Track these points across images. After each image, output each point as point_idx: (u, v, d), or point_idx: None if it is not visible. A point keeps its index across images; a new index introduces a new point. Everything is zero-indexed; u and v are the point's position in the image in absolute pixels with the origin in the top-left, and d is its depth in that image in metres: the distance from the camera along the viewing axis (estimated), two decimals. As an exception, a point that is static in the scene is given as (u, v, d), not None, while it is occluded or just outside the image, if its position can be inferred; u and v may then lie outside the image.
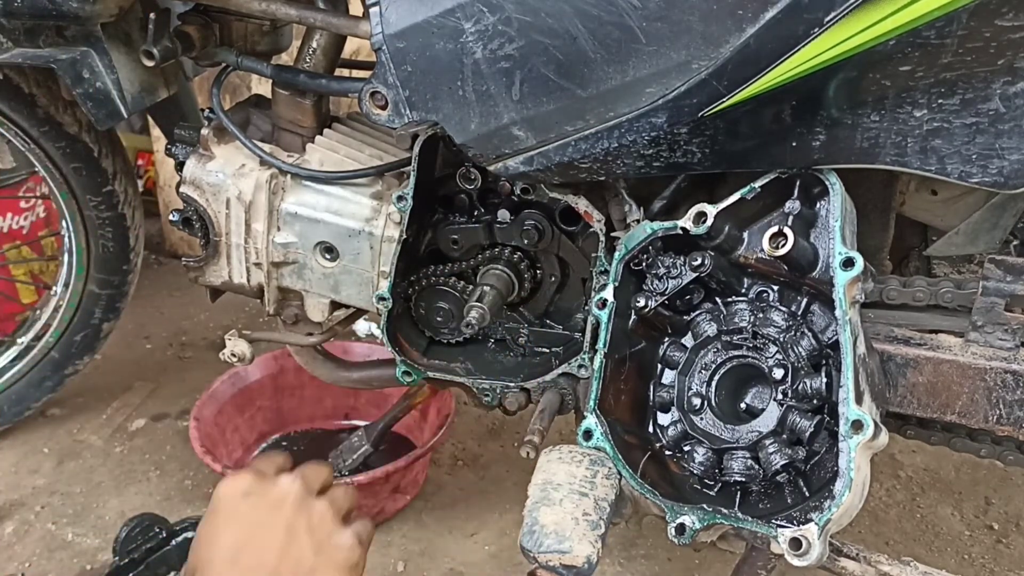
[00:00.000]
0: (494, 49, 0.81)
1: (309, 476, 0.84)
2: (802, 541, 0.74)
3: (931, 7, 0.67)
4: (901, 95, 0.75)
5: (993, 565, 1.45)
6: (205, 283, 1.19)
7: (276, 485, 0.80)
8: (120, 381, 1.85)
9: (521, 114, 0.83)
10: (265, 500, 0.79)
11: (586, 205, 0.96)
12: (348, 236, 1.08)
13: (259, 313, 2.07)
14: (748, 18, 0.72)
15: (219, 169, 1.11)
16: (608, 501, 0.81)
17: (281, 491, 0.80)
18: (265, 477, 0.81)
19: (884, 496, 1.60)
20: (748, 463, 0.85)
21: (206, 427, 1.50)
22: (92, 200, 1.40)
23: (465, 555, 1.44)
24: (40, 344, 1.57)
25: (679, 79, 0.76)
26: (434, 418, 1.57)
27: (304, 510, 0.79)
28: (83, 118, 1.34)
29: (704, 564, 1.43)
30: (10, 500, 1.53)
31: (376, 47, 0.85)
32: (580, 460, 0.84)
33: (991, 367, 0.85)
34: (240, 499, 0.79)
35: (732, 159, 0.82)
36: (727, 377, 0.90)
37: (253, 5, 1.03)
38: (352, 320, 1.25)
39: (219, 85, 1.12)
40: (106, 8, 1.04)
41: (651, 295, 0.91)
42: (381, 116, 0.89)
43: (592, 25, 0.77)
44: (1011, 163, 0.75)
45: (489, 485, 1.60)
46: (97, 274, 1.49)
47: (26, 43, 1.09)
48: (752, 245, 0.88)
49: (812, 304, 0.88)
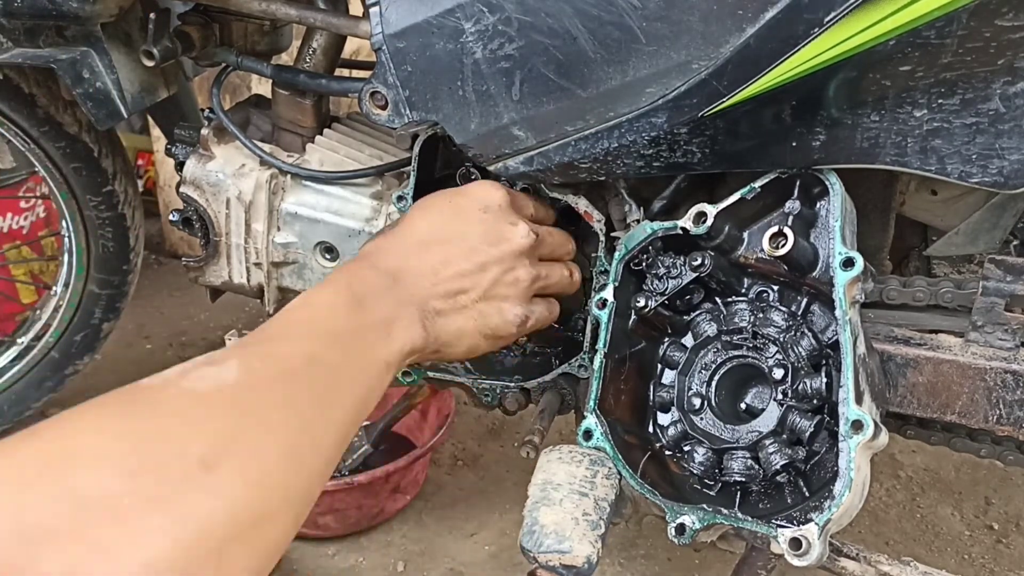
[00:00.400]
0: (494, 49, 0.81)
1: (548, 240, 0.92)
2: (802, 541, 0.74)
3: (931, 7, 0.67)
4: (901, 95, 0.75)
5: (993, 565, 1.45)
6: (205, 283, 1.19)
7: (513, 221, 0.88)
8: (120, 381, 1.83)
9: (521, 114, 0.83)
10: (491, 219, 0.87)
11: (586, 205, 0.96)
12: (348, 236, 1.08)
13: (259, 313, 2.07)
14: (748, 18, 0.72)
15: (219, 169, 1.11)
16: (608, 501, 0.81)
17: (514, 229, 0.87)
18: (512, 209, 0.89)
19: (884, 496, 1.60)
20: (748, 463, 0.85)
21: (206, 427, 1.50)
22: (92, 200, 1.40)
23: (465, 555, 1.44)
24: (40, 344, 1.57)
25: (679, 79, 0.76)
26: (434, 418, 1.58)
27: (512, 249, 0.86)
28: (83, 118, 1.34)
29: (704, 564, 1.43)
30: (10, 500, 1.53)
31: (376, 47, 0.85)
32: (580, 460, 0.83)
33: (991, 367, 0.85)
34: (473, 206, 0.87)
35: (732, 159, 0.82)
36: (727, 377, 0.90)
37: (253, 5, 1.03)
38: (352, 320, 1.24)
39: (219, 85, 1.12)
40: (106, 8, 1.04)
41: (651, 295, 0.91)
42: (381, 116, 0.89)
43: (592, 25, 0.77)
44: (1011, 163, 0.75)
45: (489, 485, 1.60)
46: (97, 274, 1.49)
47: (26, 43, 1.09)
48: (752, 245, 0.88)
49: (812, 304, 0.88)
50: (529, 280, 0.88)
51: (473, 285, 0.84)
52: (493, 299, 0.86)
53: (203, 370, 0.59)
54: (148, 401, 0.57)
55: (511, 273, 0.86)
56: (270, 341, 0.67)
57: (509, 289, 0.87)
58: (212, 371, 0.59)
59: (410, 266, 0.81)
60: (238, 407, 0.57)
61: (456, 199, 0.88)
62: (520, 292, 0.87)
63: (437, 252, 0.83)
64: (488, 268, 0.85)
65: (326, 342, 0.68)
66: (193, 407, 0.56)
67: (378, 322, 0.74)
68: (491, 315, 0.86)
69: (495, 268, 0.85)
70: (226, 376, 0.59)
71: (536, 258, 0.90)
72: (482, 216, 0.86)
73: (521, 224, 0.87)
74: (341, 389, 0.67)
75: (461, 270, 0.83)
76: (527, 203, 0.93)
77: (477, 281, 0.84)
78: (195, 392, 0.57)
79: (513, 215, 0.88)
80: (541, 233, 0.90)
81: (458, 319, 0.83)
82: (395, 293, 0.78)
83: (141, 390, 0.58)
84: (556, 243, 0.94)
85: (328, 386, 0.65)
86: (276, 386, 0.61)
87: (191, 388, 0.58)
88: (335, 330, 0.70)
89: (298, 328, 0.69)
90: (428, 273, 0.82)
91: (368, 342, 0.72)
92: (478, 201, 0.87)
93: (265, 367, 0.62)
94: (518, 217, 0.88)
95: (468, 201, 0.87)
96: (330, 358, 0.67)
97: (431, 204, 0.89)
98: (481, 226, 0.86)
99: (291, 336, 0.68)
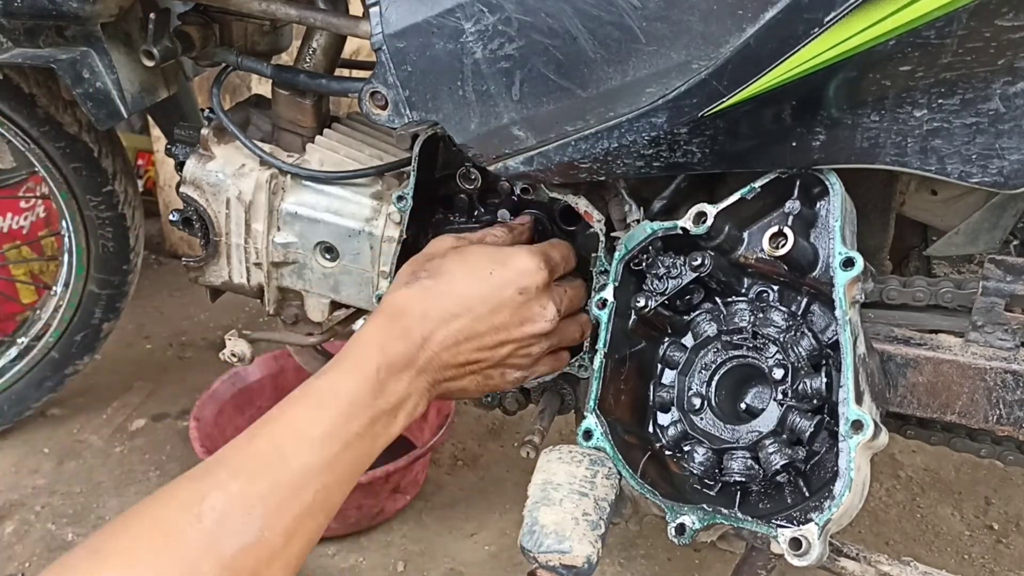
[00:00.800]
0: (494, 49, 0.81)
1: (570, 302, 0.94)
2: (802, 541, 0.74)
3: (931, 7, 0.67)
4: (901, 95, 0.75)
5: (993, 565, 1.45)
6: (205, 283, 1.19)
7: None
8: (120, 381, 1.85)
9: (521, 114, 0.83)
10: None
11: (586, 205, 0.96)
12: (348, 236, 1.08)
13: (259, 313, 2.07)
14: (748, 18, 0.72)
15: (219, 169, 1.11)
16: (608, 501, 0.81)
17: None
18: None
19: (884, 496, 1.60)
20: (748, 463, 0.85)
21: (206, 427, 1.50)
22: (92, 200, 1.40)
23: (465, 555, 1.44)
24: (40, 344, 1.57)
25: (679, 79, 0.76)
26: (434, 418, 1.58)
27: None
28: (83, 118, 1.34)
29: (704, 564, 1.43)
30: (10, 500, 1.53)
31: (376, 47, 0.85)
32: (580, 460, 0.83)
33: (991, 367, 0.85)
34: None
35: (732, 159, 0.82)
36: (727, 377, 0.90)
37: (253, 5, 1.03)
38: (352, 320, 1.25)
39: (219, 85, 1.12)
40: (106, 8, 1.04)
41: (651, 295, 0.91)
42: (381, 116, 0.89)
43: (592, 25, 0.77)
44: (1011, 163, 0.75)
45: (489, 485, 1.60)
46: (97, 274, 1.49)
47: (26, 43, 1.09)
48: (752, 245, 0.88)
49: (812, 304, 0.88)
50: (542, 352, 0.92)
51: (488, 358, 0.88)
52: (501, 366, 0.90)
53: (231, 525, 0.68)
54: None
55: (526, 349, 0.90)
56: (285, 468, 0.73)
57: (520, 360, 0.91)
58: (238, 525, 0.68)
59: (437, 336, 0.84)
60: (263, 563, 0.68)
61: (499, 271, 0.87)
62: (530, 361, 0.92)
63: (466, 326, 0.85)
64: (507, 345, 0.88)
65: (338, 457, 0.76)
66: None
67: (390, 407, 0.80)
68: (494, 377, 0.91)
69: (512, 345, 0.89)
70: (248, 537, 0.68)
71: (555, 329, 0.92)
72: (515, 298, 0.87)
73: (550, 307, 0.89)
74: (341, 496, 0.77)
75: (482, 345, 0.86)
76: (561, 265, 0.94)
77: (493, 355, 0.88)
78: (223, 558, 0.66)
79: (546, 296, 0.89)
80: (566, 300, 0.93)
81: (463, 381, 0.88)
82: (416, 364, 0.83)
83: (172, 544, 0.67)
84: (577, 302, 0.96)
85: (334, 503, 0.77)
86: (293, 526, 0.71)
87: (220, 553, 0.66)
88: (348, 438, 0.77)
89: (313, 445, 0.75)
90: (451, 345, 0.85)
91: (374, 433, 0.79)
92: (519, 279, 0.88)
93: (281, 516, 0.70)
94: (549, 298, 0.90)
95: (510, 277, 0.87)
96: (339, 476, 0.76)
97: (474, 265, 0.88)
98: (513, 306, 0.87)
99: (305, 459, 0.74)
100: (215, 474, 0.71)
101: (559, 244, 0.97)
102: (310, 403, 0.78)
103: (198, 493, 0.69)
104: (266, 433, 0.75)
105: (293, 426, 0.76)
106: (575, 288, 0.96)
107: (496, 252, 0.90)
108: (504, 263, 0.88)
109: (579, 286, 0.97)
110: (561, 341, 0.95)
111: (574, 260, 0.98)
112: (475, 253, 0.90)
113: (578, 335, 0.97)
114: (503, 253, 0.90)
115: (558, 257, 0.94)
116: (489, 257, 0.89)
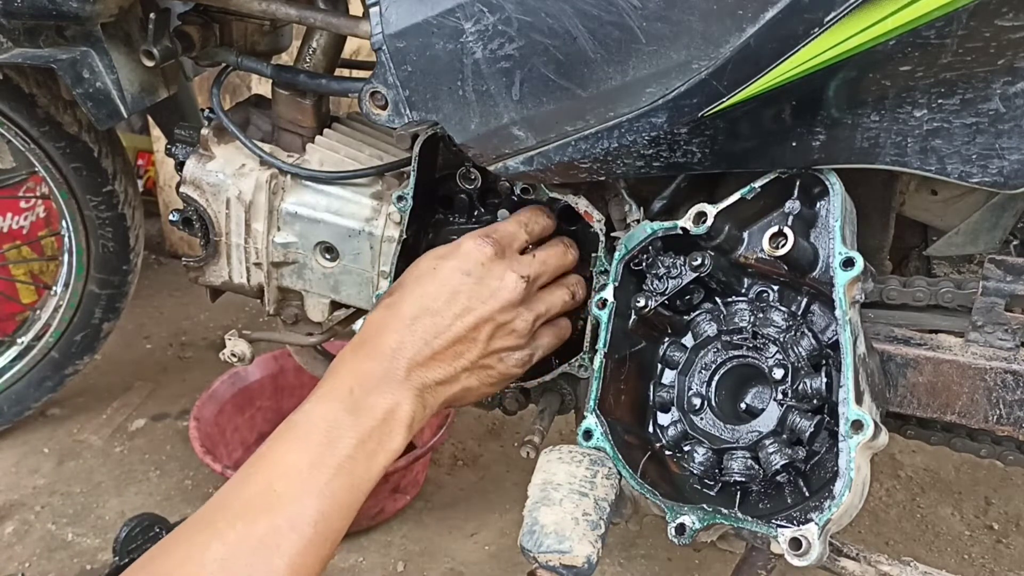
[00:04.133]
0: (494, 49, 0.81)
1: (545, 266, 0.92)
2: (802, 541, 0.74)
3: (931, 7, 0.67)
4: (901, 95, 0.75)
5: (993, 565, 1.46)
6: (205, 283, 1.19)
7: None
8: (120, 381, 1.86)
9: (521, 114, 0.83)
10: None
11: (586, 205, 0.96)
12: (348, 236, 1.08)
13: (259, 313, 2.07)
14: (748, 18, 0.72)
15: (219, 169, 1.11)
16: (608, 501, 0.81)
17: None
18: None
19: (884, 496, 1.60)
20: (748, 463, 0.85)
21: (206, 427, 1.50)
22: (92, 200, 1.40)
23: (465, 555, 1.44)
24: (40, 344, 1.57)
25: (679, 79, 0.76)
26: (434, 418, 1.57)
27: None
28: (83, 118, 1.34)
29: (704, 564, 1.43)
30: (10, 500, 1.53)
31: (376, 47, 0.85)
32: (580, 460, 0.83)
33: (991, 367, 0.85)
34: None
35: (732, 159, 0.82)
36: (727, 377, 0.90)
37: (253, 5, 1.03)
38: (352, 320, 1.25)
39: (219, 85, 1.12)
40: (106, 8, 1.04)
41: (651, 295, 0.91)
42: (381, 116, 0.89)
43: (592, 25, 0.77)
44: (1011, 163, 0.75)
45: (489, 485, 1.60)
46: (97, 274, 1.49)
47: (26, 43, 1.09)
48: (752, 245, 0.88)
49: (812, 304, 0.88)
50: (527, 325, 0.90)
51: (468, 348, 0.86)
52: (493, 353, 0.89)
53: (236, 572, 0.68)
54: None
55: (507, 325, 0.88)
56: (279, 506, 0.73)
57: (508, 340, 0.89)
58: (242, 571, 0.68)
59: (405, 343, 0.84)
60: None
61: (439, 264, 0.88)
62: (520, 338, 0.90)
63: (427, 325, 0.85)
64: (481, 328, 0.86)
65: (331, 484, 0.76)
66: None
67: (378, 422, 0.80)
68: (494, 366, 0.89)
69: (488, 326, 0.87)
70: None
71: (535, 295, 0.91)
72: (464, 279, 0.86)
73: (508, 275, 0.88)
74: (345, 519, 0.77)
75: (453, 337, 0.85)
76: (518, 232, 0.93)
77: (472, 344, 0.86)
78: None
79: (499, 267, 0.88)
80: (535, 265, 0.91)
81: (460, 382, 0.87)
82: (394, 375, 0.82)
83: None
84: (554, 264, 0.94)
85: (337, 529, 0.76)
86: (298, 560, 0.71)
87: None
88: (337, 462, 0.77)
89: (303, 477, 0.75)
90: (422, 347, 0.84)
91: (368, 452, 0.78)
92: (459, 264, 0.87)
93: (283, 553, 0.71)
94: (505, 267, 0.88)
95: (450, 265, 0.87)
96: (338, 502, 0.76)
97: (418, 271, 0.89)
98: (465, 289, 0.86)
99: (297, 493, 0.74)
100: (213, 523, 0.71)
101: (518, 214, 0.95)
102: (292, 436, 0.78)
103: (199, 545, 0.69)
104: (256, 473, 0.76)
105: (281, 462, 0.76)
106: (547, 250, 0.94)
107: (440, 248, 0.91)
108: (445, 255, 0.89)
109: (553, 245, 0.95)
110: (550, 308, 0.93)
111: (545, 221, 0.96)
112: (423, 259, 0.90)
113: (568, 298, 0.95)
114: (447, 247, 0.90)
115: (509, 228, 0.92)
116: (433, 255, 0.90)
